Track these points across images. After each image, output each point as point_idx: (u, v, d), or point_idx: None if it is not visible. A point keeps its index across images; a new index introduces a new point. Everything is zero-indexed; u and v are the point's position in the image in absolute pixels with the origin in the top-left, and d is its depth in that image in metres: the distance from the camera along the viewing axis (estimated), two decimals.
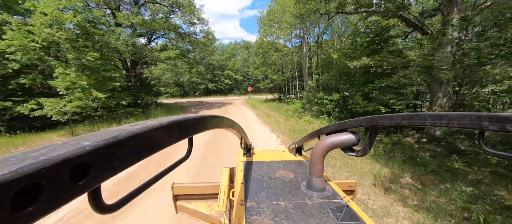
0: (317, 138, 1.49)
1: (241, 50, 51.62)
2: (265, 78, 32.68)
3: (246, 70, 48.13)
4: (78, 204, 3.92)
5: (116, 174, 0.31)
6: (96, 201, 0.34)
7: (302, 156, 1.86)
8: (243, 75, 47.87)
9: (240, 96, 40.71)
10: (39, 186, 0.21)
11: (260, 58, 26.11)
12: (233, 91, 48.70)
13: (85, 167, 0.26)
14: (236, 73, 46.84)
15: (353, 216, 0.99)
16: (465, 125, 0.59)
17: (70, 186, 0.24)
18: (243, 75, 47.81)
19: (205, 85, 44.46)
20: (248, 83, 48.01)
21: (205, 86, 44.51)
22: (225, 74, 45.67)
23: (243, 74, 48.01)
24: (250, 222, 0.95)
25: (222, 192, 1.50)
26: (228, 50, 51.11)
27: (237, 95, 45.99)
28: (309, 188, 1.23)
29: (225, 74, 45.74)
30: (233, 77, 46.13)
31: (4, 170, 0.19)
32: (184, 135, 0.50)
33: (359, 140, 1.14)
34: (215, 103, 28.36)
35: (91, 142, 0.28)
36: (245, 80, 48.54)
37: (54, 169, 0.22)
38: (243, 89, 48.06)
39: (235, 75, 45.82)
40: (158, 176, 0.50)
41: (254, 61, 29.26)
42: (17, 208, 0.20)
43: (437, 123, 0.67)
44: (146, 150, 0.37)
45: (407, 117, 0.79)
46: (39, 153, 0.24)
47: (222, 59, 46.84)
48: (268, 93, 40.94)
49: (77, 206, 3.88)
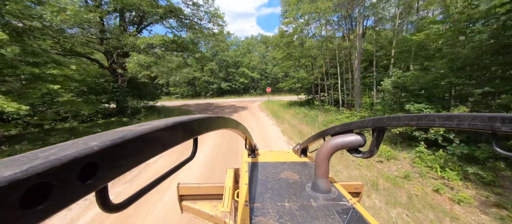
0: (323, 139, 1.46)
1: (258, 45, 46.15)
2: (288, 77, 26.88)
3: (263, 67, 42.61)
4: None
5: (123, 173, 0.32)
6: (103, 200, 0.34)
7: (307, 157, 1.83)
8: (260, 73, 42.39)
9: (256, 98, 35.40)
10: (48, 185, 0.22)
11: (282, 52, 20.25)
12: (249, 91, 43.48)
13: (93, 166, 0.27)
14: (253, 71, 41.50)
15: (359, 219, 0.96)
16: (477, 126, 0.57)
17: (79, 185, 0.25)
18: (260, 73, 42.33)
19: (218, 85, 39.77)
20: (265, 82, 42.46)
21: (218, 86, 39.82)
22: (240, 72, 40.56)
23: (260, 72, 42.54)
24: (255, 223, 0.95)
25: (227, 193, 1.47)
26: (244, 45, 45.92)
27: (253, 96, 40.67)
28: (314, 190, 1.21)
29: (240, 72, 40.63)
30: (249, 75, 40.86)
31: (15, 169, 0.20)
32: (189, 136, 0.50)
33: (365, 141, 1.09)
34: (227, 107, 23.28)
35: (98, 142, 0.29)
36: (262, 79, 43.06)
37: (63, 168, 0.23)
38: (260, 89, 42.64)
39: (252, 73, 40.50)
40: (164, 176, 0.50)
41: (274, 56, 23.96)
42: (27, 206, 0.20)
43: (446, 124, 0.65)
44: (152, 150, 0.37)
45: (415, 118, 0.76)
46: (49, 153, 0.24)
47: (237, 55, 41.77)
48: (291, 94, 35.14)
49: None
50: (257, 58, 42.33)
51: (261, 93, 42.12)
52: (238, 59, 41.17)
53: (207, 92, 40.27)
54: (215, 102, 30.27)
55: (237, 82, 40.62)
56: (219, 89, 40.86)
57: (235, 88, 41.51)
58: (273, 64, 41.71)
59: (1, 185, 0.18)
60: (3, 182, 0.18)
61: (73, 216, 3.62)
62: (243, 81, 40.39)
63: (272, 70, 40.81)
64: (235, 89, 41.76)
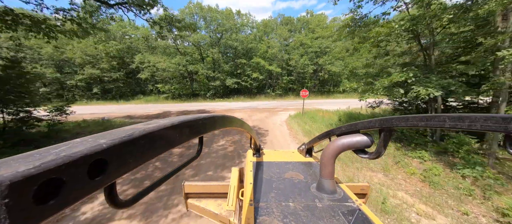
0: (328, 139, 1.40)
1: (278, 29, 33.85)
2: (353, 75, 15.03)
3: (286, 57, 30.40)
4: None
5: (130, 170, 0.33)
6: (111, 196, 0.35)
7: (312, 157, 1.79)
8: (281, 65, 30.22)
9: (276, 102, 23.47)
10: (60, 181, 0.22)
11: (347, 33, 9.05)
12: (265, 91, 31.60)
13: (102, 163, 0.27)
14: (271, 63, 29.49)
15: (365, 220, 0.94)
16: (489, 127, 0.55)
17: (88, 181, 0.25)
18: (281, 66, 30.18)
19: (222, 82, 28.36)
20: (288, 79, 30.26)
21: (221, 82, 28.40)
22: (254, 63, 28.79)
23: (281, 64, 30.38)
24: (260, 222, 0.94)
25: (231, 192, 1.48)
26: (259, 28, 33.90)
27: (271, 98, 28.67)
28: (319, 190, 1.18)
29: (254, 64, 28.87)
30: (265, 69, 28.94)
31: (29, 165, 0.20)
32: (195, 134, 0.51)
33: (373, 142, 1.05)
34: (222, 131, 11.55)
35: (107, 139, 0.29)
36: (284, 74, 30.95)
37: (74, 165, 0.24)
38: (280, 89, 30.58)
39: (270, 67, 28.49)
40: (170, 174, 0.51)
41: (320, 45, 12.13)
42: (40, 201, 0.21)
43: (458, 125, 0.62)
44: (158, 148, 0.38)
45: (424, 118, 0.74)
46: (60, 150, 0.25)
47: (249, 40, 29.95)
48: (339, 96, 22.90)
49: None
50: (277, 45, 30.06)
51: (282, 94, 30.03)
52: (251, 45, 29.24)
53: (207, 91, 29.03)
54: (210, 109, 18.92)
55: (249, 78, 28.86)
56: (223, 88, 29.43)
57: (245, 87, 29.84)
58: (300, 53, 29.31)
59: (16, 179, 0.18)
60: (18, 176, 0.19)
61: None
62: (257, 76, 28.50)
63: (299, 63, 28.52)
64: (245, 88, 30.09)
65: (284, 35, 29.62)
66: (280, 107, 19.04)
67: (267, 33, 33.51)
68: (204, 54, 29.56)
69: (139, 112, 17.78)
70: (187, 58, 26.90)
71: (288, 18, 36.01)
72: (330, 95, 30.62)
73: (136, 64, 27.61)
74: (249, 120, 13.13)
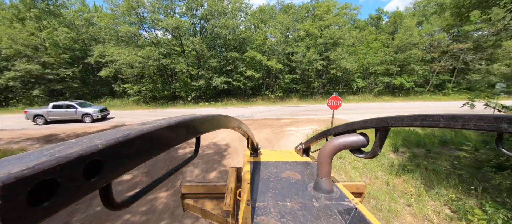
0: (325, 139, 1.44)
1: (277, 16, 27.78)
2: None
3: (288, 50, 24.44)
4: None
5: (127, 171, 0.32)
6: (107, 198, 0.34)
7: (309, 157, 1.80)
8: (282, 61, 24.20)
9: (278, 109, 17.50)
10: (54, 182, 0.22)
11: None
12: (262, 92, 25.58)
13: (98, 164, 0.27)
14: (270, 58, 23.45)
15: (361, 219, 0.95)
16: (482, 127, 0.56)
17: (83, 182, 0.25)
18: (282, 62, 24.17)
19: (207, 81, 22.12)
20: (289, 78, 24.28)
21: (207, 82, 22.17)
22: (248, 58, 22.71)
23: (282, 59, 24.39)
24: (257, 222, 0.93)
25: (229, 192, 1.45)
26: (256, 14, 27.75)
27: (270, 101, 22.66)
28: (316, 190, 1.19)
29: (248, 59, 22.79)
30: (263, 64, 22.88)
31: (22, 166, 0.20)
32: (192, 135, 0.50)
33: (368, 142, 1.08)
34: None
35: (103, 140, 0.29)
36: (286, 72, 24.98)
37: (68, 166, 0.23)
38: (280, 90, 24.59)
39: (269, 62, 22.42)
40: (167, 174, 0.50)
41: (332, 35, 7.05)
42: (34, 203, 0.20)
43: (451, 125, 0.63)
44: (155, 148, 0.38)
45: (419, 118, 0.75)
46: (55, 150, 0.24)
47: (241, 31, 23.82)
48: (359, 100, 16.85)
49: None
50: (278, 34, 23.97)
51: (283, 96, 24.09)
52: (244, 35, 23.11)
53: (189, 93, 22.75)
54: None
55: (242, 77, 22.76)
56: (210, 88, 23.22)
57: (237, 88, 23.72)
58: (307, 45, 23.39)
59: (9, 181, 0.18)
60: (11, 178, 0.18)
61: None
62: (252, 75, 22.40)
63: (307, 57, 22.60)
64: (237, 89, 23.99)
65: (286, 23, 23.62)
66: (285, 117, 13.10)
67: (264, 21, 27.41)
68: (185, 47, 23.24)
69: (66, 129, 11.39)
70: (160, 50, 20.52)
71: (288, 6, 30.07)
72: (343, 97, 24.85)
73: (95, 58, 21.01)
74: (239, 154, 7.10)
